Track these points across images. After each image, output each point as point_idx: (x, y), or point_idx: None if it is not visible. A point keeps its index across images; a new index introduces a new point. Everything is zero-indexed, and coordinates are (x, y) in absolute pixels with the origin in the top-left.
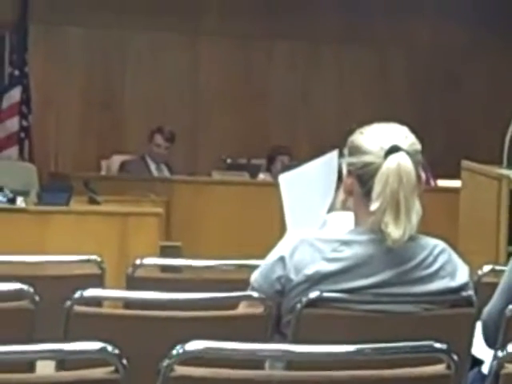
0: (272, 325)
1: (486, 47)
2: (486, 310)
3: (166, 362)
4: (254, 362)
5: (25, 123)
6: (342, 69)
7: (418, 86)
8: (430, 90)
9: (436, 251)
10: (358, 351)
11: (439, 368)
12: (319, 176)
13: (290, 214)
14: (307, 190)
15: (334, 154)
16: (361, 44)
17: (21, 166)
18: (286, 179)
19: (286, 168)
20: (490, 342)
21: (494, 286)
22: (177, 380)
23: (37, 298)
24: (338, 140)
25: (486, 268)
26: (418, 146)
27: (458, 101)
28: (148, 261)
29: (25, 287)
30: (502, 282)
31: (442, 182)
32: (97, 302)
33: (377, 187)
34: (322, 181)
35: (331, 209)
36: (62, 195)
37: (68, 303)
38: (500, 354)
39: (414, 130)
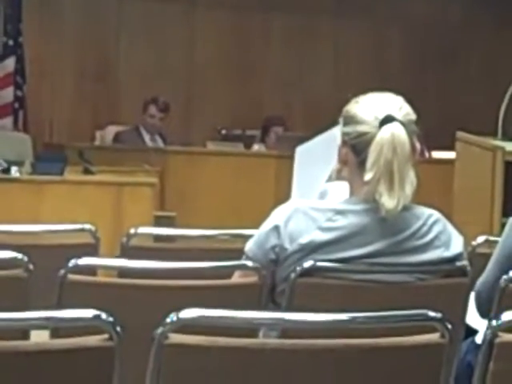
0: (266, 294)
1: (481, 22)
2: (480, 280)
3: (160, 330)
4: (248, 330)
5: (19, 93)
6: (338, 42)
7: (413, 59)
8: (426, 63)
9: (430, 221)
10: (351, 320)
11: (433, 337)
12: (325, 149)
13: (296, 184)
14: (315, 162)
15: (339, 126)
16: (357, 17)
17: (15, 136)
18: (300, 151)
19: (304, 140)
20: (483, 311)
21: (488, 256)
22: (171, 347)
23: (31, 267)
24: (333, 112)
25: (481, 239)
26: (413, 116)
27: (453, 74)
28: (142, 230)
29: (19, 256)
30: (496, 252)
31: (437, 154)
32: (91, 271)
33: (371, 157)
34: (327, 153)
35: (328, 179)
36: (57, 165)
37: (62, 272)
38: (494, 323)
39: (408, 101)
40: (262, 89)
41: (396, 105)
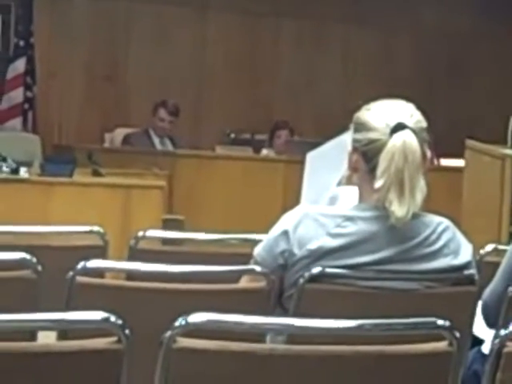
0: (274, 299)
1: (490, 32)
2: (487, 290)
3: (168, 334)
4: (255, 335)
5: (29, 94)
6: (348, 48)
7: (422, 68)
8: (435, 71)
9: (440, 229)
10: (359, 327)
11: (441, 345)
12: (335, 155)
13: (306, 189)
14: (325, 167)
15: (350, 132)
16: (367, 25)
17: (24, 137)
18: (311, 157)
19: (312, 147)
20: (490, 322)
21: (496, 265)
22: (179, 351)
23: (39, 268)
24: (342, 118)
25: (489, 247)
26: (424, 124)
27: (463, 82)
28: (151, 233)
29: (27, 257)
30: (504, 262)
31: (446, 161)
32: (99, 273)
33: (382, 164)
34: (338, 159)
35: (338, 184)
36: (66, 167)
37: (70, 274)
38: (502, 332)
39: (418, 109)
40: (272, 93)
41: (407, 112)
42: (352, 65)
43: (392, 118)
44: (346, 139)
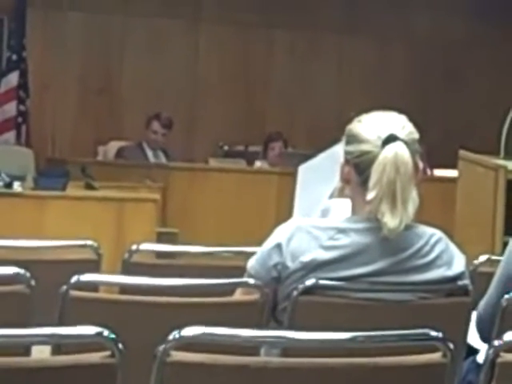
0: (268, 311)
1: (485, 39)
2: (482, 303)
3: (162, 347)
4: (249, 348)
5: (22, 108)
6: (342, 59)
7: (416, 77)
8: (429, 81)
9: (433, 240)
10: (353, 338)
11: (435, 356)
12: (327, 167)
13: (298, 201)
14: (317, 180)
15: (342, 143)
16: (361, 35)
17: (18, 151)
18: (303, 169)
19: (306, 159)
20: (484, 336)
21: (490, 275)
22: (173, 365)
23: (33, 283)
24: (336, 129)
25: (482, 258)
26: (416, 136)
27: (456, 92)
28: (144, 246)
29: (21, 271)
30: (498, 273)
31: (439, 172)
32: (92, 286)
33: (373, 176)
34: (330, 172)
35: (330, 197)
36: (59, 180)
37: (64, 288)
38: (496, 342)
39: (411, 120)
40: (265, 105)
41: (399, 124)
42: (346, 75)
43: (384, 129)
44: (338, 151)
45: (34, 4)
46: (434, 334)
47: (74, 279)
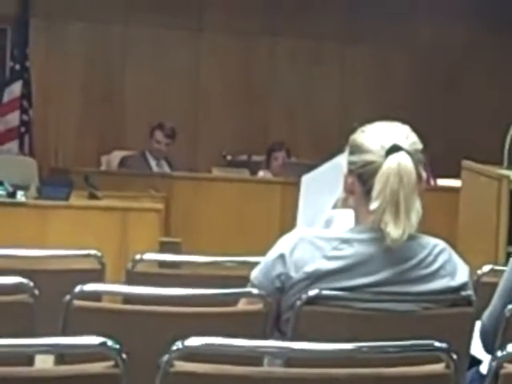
0: (271, 322)
1: (487, 47)
2: (485, 314)
3: (165, 358)
4: (253, 358)
5: (25, 118)
6: (344, 67)
7: (419, 85)
8: (431, 89)
9: (436, 250)
10: (356, 349)
11: (438, 367)
12: (331, 177)
13: (302, 212)
14: (320, 190)
15: (345, 154)
16: (363, 43)
17: (21, 161)
18: (306, 180)
19: (309, 169)
20: (488, 347)
21: (494, 285)
22: (177, 375)
23: (36, 292)
24: (339, 137)
25: (486, 268)
26: (419, 146)
27: (459, 100)
28: (148, 256)
29: (24, 281)
30: (501, 284)
31: (442, 182)
32: (96, 296)
33: (377, 186)
34: (333, 182)
35: (333, 207)
36: (62, 190)
37: (67, 297)
38: (499, 353)
39: (414, 129)
40: (268, 114)
41: (402, 134)
42: (349, 83)
43: (387, 139)
44: (341, 161)
45: (37, 14)
46: (437, 344)
47: (77, 289)
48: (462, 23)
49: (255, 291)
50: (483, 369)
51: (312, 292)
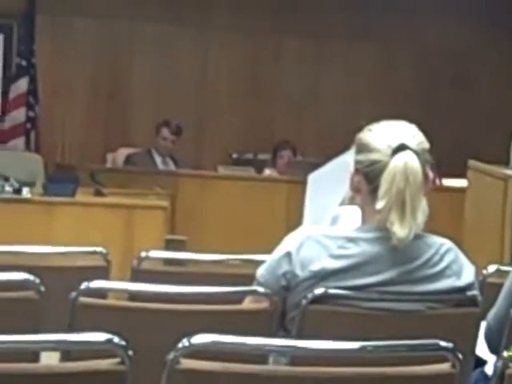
0: (277, 320)
1: (494, 47)
2: (491, 315)
3: (171, 355)
4: (258, 356)
5: (31, 114)
6: (350, 66)
7: (425, 84)
8: (438, 88)
9: (442, 250)
10: (362, 348)
11: (444, 367)
12: (337, 176)
13: (308, 210)
14: (327, 188)
15: (351, 152)
16: (369, 42)
17: (27, 157)
18: (312, 178)
19: (315, 167)
20: (493, 348)
21: (499, 286)
22: (183, 373)
23: (42, 289)
24: (345, 136)
25: (491, 268)
26: (426, 145)
27: (465, 100)
28: (153, 254)
29: (31, 277)
30: (507, 284)
31: (448, 181)
32: (101, 293)
33: (383, 186)
34: (339, 180)
35: (341, 204)
36: (68, 186)
37: (73, 294)
38: (505, 354)
39: (420, 129)
40: (274, 112)
41: (409, 133)
42: (355, 82)
43: (394, 139)
44: (347, 160)
45: (43, 10)
46: (443, 344)
47: (83, 286)
48: (468, 22)
49: (261, 289)
50: (488, 369)
51: (318, 291)
